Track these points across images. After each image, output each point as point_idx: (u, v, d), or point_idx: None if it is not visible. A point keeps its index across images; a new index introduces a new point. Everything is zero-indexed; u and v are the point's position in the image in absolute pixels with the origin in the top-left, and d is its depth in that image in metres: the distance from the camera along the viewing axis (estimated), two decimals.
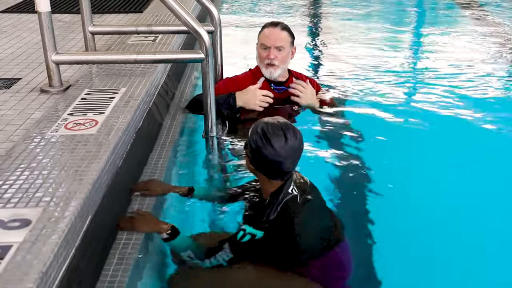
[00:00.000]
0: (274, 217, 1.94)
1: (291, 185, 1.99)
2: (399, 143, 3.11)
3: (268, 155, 1.93)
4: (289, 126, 1.96)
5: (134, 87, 2.92)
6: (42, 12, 2.76)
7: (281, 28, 3.25)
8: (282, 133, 1.93)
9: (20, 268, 1.47)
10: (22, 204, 1.79)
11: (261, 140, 1.93)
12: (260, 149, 1.94)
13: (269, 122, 1.97)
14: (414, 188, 2.69)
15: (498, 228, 2.42)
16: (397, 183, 2.69)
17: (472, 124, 3.34)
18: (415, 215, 2.47)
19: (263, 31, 3.28)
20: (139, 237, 2.07)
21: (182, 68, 4.03)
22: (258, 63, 3.30)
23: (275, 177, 1.98)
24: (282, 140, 1.92)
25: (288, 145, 1.92)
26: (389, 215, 2.45)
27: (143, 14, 4.79)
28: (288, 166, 1.95)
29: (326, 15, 6.65)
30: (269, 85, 3.29)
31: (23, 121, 2.56)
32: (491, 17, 6.31)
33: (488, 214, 2.50)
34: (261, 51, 3.25)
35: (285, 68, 3.30)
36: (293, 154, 1.95)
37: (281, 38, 3.22)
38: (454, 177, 2.78)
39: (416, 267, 2.18)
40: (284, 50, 3.22)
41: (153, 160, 2.68)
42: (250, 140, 1.99)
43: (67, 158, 2.12)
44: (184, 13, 2.81)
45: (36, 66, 3.36)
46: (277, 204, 1.95)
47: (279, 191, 1.97)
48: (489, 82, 4.10)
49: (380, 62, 4.58)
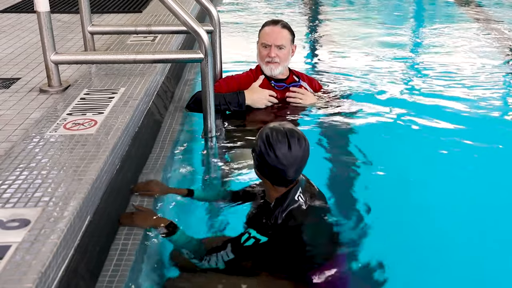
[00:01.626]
0: (279, 223, 1.92)
1: (297, 192, 1.97)
2: (399, 142, 3.10)
3: (270, 162, 1.91)
4: (295, 133, 1.93)
5: (133, 87, 2.91)
6: (41, 12, 2.76)
7: (282, 26, 3.25)
8: (286, 141, 1.90)
9: (19, 268, 1.47)
10: (21, 204, 1.79)
11: (265, 147, 1.92)
12: (264, 156, 1.92)
13: (274, 128, 1.95)
14: (416, 187, 2.68)
15: (497, 228, 2.41)
16: (398, 182, 2.69)
17: (471, 122, 3.34)
18: (416, 215, 2.47)
19: (263, 29, 3.28)
20: (137, 237, 2.07)
21: (181, 68, 4.03)
22: (259, 61, 3.31)
23: (279, 184, 1.97)
24: (286, 148, 1.90)
25: (291, 153, 1.90)
26: (389, 214, 2.45)
27: (142, 14, 4.79)
28: (291, 174, 1.93)
29: (325, 13, 6.65)
30: (269, 82, 3.29)
31: (22, 121, 2.56)
32: (490, 15, 6.32)
33: (487, 214, 2.50)
34: (262, 49, 3.25)
35: (285, 66, 3.32)
36: (296, 163, 1.92)
37: (282, 36, 3.23)
38: (455, 176, 2.77)
39: (416, 267, 2.18)
40: (285, 48, 3.23)
41: (152, 160, 2.67)
42: (255, 145, 1.98)
43: (66, 158, 2.12)
44: (183, 13, 2.81)
45: (35, 66, 3.35)
46: (282, 210, 1.94)
47: (284, 198, 1.96)
48: (489, 80, 4.11)
49: (380, 60, 4.58)
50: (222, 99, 3.15)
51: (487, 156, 2.96)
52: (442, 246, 2.29)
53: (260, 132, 1.98)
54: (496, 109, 3.57)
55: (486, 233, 2.36)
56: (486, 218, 2.47)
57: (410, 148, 3.05)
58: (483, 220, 2.45)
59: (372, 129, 3.22)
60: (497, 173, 2.80)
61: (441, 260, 2.20)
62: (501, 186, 2.69)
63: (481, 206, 2.54)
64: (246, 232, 1.95)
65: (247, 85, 3.26)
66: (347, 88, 3.79)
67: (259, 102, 3.22)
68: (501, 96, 3.87)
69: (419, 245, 2.30)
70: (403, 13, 6.60)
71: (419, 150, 3.04)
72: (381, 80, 4.06)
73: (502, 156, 2.98)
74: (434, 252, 2.25)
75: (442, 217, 2.47)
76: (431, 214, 2.49)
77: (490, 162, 2.90)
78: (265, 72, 3.28)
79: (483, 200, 2.58)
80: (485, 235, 2.35)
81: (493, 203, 2.57)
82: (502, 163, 2.91)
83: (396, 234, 2.33)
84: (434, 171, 2.83)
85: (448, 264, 2.19)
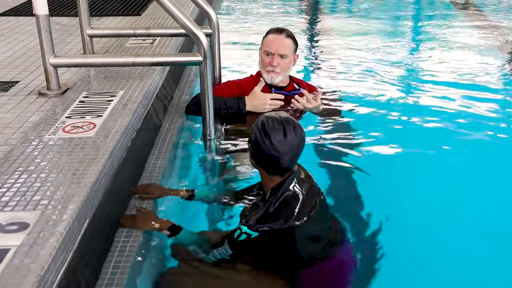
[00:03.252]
0: (271, 211, 1.92)
1: (292, 182, 1.97)
2: (399, 142, 3.10)
3: (266, 149, 1.92)
4: (290, 121, 1.94)
5: (132, 90, 2.91)
6: (40, 15, 2.76)
7: (286, 35, 3.25)
8: (281, 128, 1.91)
9: (18, 271, 1.47)
10: (20, 207, 1.79)
11: (260, 134, 1.93)
12: (259, 143, 1.93)
13: (270, 116, 1.97)
14: (415, 186, 2.69)
15: (497, 228, 2.41)
16: (398, 182, 2.69)
17: (470, 122, 3.34)
18: (415, 214, 2.47)
19: (267, 36, 3.28)
20: (137, 239, 2.07)
21: (180, 71, 4.03)
22: (260, 68, 3.31)
23: (274, 172, 1.97)
24: (281, 135, 1.91)
25: (286, 141, 1.90)
26: (388, 214, 2.45)
27: (141, 17, 4.79)
28: (286, 162, 1.93)
29: (324, 15, 6.66)
30: (270, 89, 3.29)
31: (21, 124, 2.56)
32: (488, 15, 6.33)
33: (486, 214, 2.50)
34: (264, 57, 3.25)
35: (286, 75, 3.32)
36: (291, 150, 1.92)
37: (285, 46, 3.23)
38: (454, 175, 2.77)
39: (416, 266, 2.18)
40: (287, 58, 3.23)
41: (152, 162, 2.67)
42: (251, 133, 1.99)
43: (65, 161, 2.11)
44: (182, 16, 2.81)
45: (34, 69, 3.35)
46: (275, 199, 1.94)
47: (279, 187, 1.96)
48: (488, 79, 4.13)
49: (379, 62, 4.58)
50: (223, 103, 3.15)
51: (487, 156, 2.97)
52: (442, 246, 2.29)
53: (256, 121, 1.99)
54: (495, 109, 3.57)
55: (486, 233, 2.36)
56: (486, 217, 2.47)
57: (410, 148, 3.06)
58: (483, 220, 2.46)
59: (373, 129, 3.21)
60: (497, 173, 2.80)
61: (441, 260, 2.20)
62: (501, 186, 2.69)
63: (481, 206, 2.54)
64: (238, 228, 1.95)
65: (248, 91, 3.26)
66: (346, 91, 3.80)
67: (260, 108, 3.21)
68: (500, 96, 3.88)
69: (418, 242, 2.30)
70: (403, 16, 6.60)
71: (419, 150, 3.04)
72: (381, 83, 4.07)
73: (502, 156, 2.98)
74: (434, 252, 2.25)
75: (440, 217, 2.47)
76: (432, 212, 2.49)
77: (490, 162, 2.90)
78: (265, 80, 3.28)
79: (483, 200, 2.58)
80: (485, 235, 2.35)
81: (493, 203, 2.57)
82: (502, 163, 2.91)
83: (396, 233, 2.33)
84: (434, 169, 2.84)
85: (448, 264, 2.19)
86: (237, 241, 1.94)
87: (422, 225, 2.41)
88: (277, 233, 1.93)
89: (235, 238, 1.94)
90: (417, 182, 2.74)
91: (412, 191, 2.66)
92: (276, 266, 2.00)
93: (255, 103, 3.20)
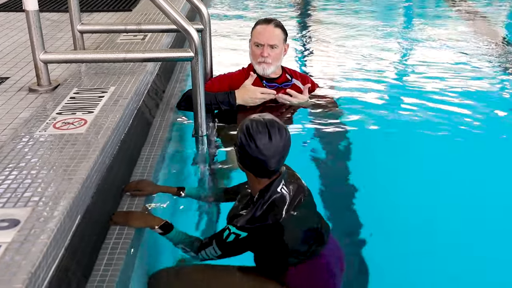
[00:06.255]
0: (259, 214, 1.92)
1: (280, 184, 1.96)
2: (393, 142, 3.11)
3: (251, 153, 1.90)
4: (275, 124, 1.92)
5: (123, 86, 2.90)
6: (30, 11, 2.74)
7: (275, 25, 3.24)
8: (266, 131, 1.89)
9: (9, 268, 1.46)
10: (11, 204, 1.78)
11: (245, 138, 1.91)
12: (244, 147, 1.91)
13: (254, 119, 1.94)
14: (409, 186, 2.69)
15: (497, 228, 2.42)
16: (391, 182, 2.70)
17: (466, 122, 3.35)
18: (410, 214, 2.48)
19: (256, 28, 3.27)
20: (129, 236, 2.06)
21: (172, 67, 4.01)
22: (251, 60, 3.29)
23: (262, 175, 1.96)
24: (266, 138, 1.89)
25: (272, 144, 1.89)
26: (383, 213, 2.46)
27: (132, 12, 4.77)
28: (273, 165, 1.92)
29: (317, 11, 6.66)
30: (261, 81, 3.28)
31: (11, 120, 2.54)
32: (482, 14, 6.36)
33: (486, 214, 2.51)
34: (254, 48, 3.24)
35: (278, 65, 3.30)
36: (277, 153, 1.90)
37: (275, 36, 3.21)
38: (451, 176, 2.78)
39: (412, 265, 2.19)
40: (278, 48, 3.21)
41: (143, 159, 2.66)
42: (237, 137, 1.97)
43: (56, 158, 2.10)
44: (173, 12, 2.80)
45: (24, 65, 3.33)
46: (263, 202, 1.93)
47: (267, 189, 1.95)
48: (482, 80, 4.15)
49: (372, 58, 4.60)
50: (213, 99, 3.14)
51: (486, 155, 2.97)
52: (440, 246, 2.30)
53: (241, 124, 1.97)
54: (493, 107, 3.57)
55: (486, 233, 2.37)
56: (486, 218, 2.48)
57: (402, 145, 3.07)
58: (483, 220, 2.46)
59: (365, 126, 3.22)
60: (497, 173, 2.81)
61: (440, 260, 2.21)
62: (501, 186, 2.70)
63: (480, 206, 2.54)
64: (226, 228, 1.95)
65: (238, 83, 3.24)
66: (338, 87, 3.80)
67: (251, 101, 3.20)
68: (496, 95, 3.89)
69: (413, 241, 2.31)
70: (395, 11, 6.62)
71: (411, 147, 3.06)
72: (373, 79, 4.08)
73: (501, 156, 2.99)
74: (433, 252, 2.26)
75: (438, 216, 2.48)
76: (429, 213, 2.50)
77: (489, 162, 2.91)
78: (257, 71, 3.26)
79: (482, 200, 2.58)
80: (484, 235, 2.36)
81: (493, 203, 2.58)
82: (502, 163, 2.91)
83: (390, 233, 2.34)
84: (429, 169, 2.85)
85: (447, 265, 2.19)
86: (225, 241, 1.94)
87: (418, 225, 2.41)
88: (265, 232, 1.92)
89: (223, 238, 1.94)
90: (411, 179, 2.75)
91: (407, 189, 2.67)
92: (265, 266, 2.00)
93: (245, 97, 3.19)
